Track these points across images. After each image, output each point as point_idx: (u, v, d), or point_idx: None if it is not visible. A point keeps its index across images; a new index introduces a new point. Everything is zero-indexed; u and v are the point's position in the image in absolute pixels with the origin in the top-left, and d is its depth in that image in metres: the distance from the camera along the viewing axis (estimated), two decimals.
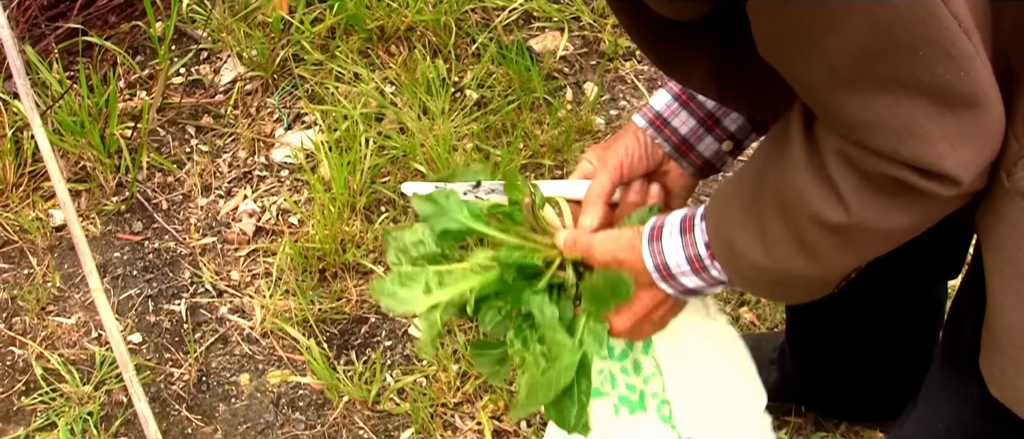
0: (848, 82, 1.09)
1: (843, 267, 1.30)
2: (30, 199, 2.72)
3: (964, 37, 1.05)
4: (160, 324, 2.52)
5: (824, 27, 1.06)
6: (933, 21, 1.04)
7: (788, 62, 1.15)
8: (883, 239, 1.23)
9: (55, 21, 2.99)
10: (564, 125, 2.76)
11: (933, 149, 1.10)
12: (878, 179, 1.15)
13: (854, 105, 1.11)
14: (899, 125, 1.09)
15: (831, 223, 1.19)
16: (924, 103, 1.08)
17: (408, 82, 2.84)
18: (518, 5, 3.02)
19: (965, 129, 1.10)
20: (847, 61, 1.08)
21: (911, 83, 1.07)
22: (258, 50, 2.94)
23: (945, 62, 1.06)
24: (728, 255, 1.35)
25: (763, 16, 1.12)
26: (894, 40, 1.05)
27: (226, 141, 2.85)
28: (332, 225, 2.56)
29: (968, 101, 1.09)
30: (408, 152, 2.70)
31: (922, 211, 1.18)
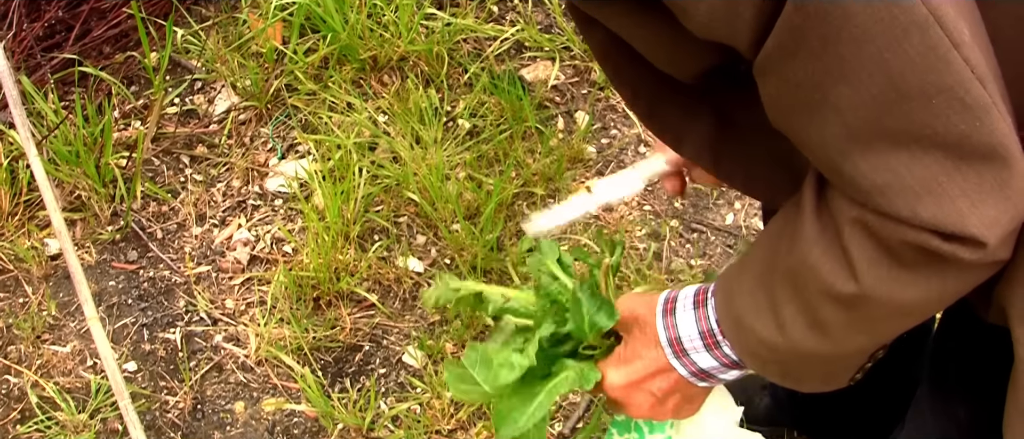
0: (863, 140, 1.06)
1: (856, 347, 1.25)
2: (25, 228, 2.73)
3: (978, 85, 1.02)
4: (155, 352, 2.54)
5: (836, 80, 1.04)
6: (946, 67, 1.01)
7: (800, 125, 1.12)
8: (895, 315, 1.19)
9: (51, 51, 3.01)
10: (556, 154, 2.79)
11: (953, 207, 1.05)
12: (897, 248, 1.10)
13: (869, 166, 1.07)
14: (916, 183, 1.05)
15: (842, 295, 1.15)
16: (941, 157, 1.04)
17: (401, 112, 2.87)
18: (509, 35, 3.05)
19: (985, 184, 1.05)
20: (860, 115, 1.05)
21: (926, 136, 1.04)
22: (252, 80, 2.96)
23: (960, 111, 1.02)
24: (737, 331, 1.31)
25: (771, 77, 1.10)
26: (907, 89, 1.02)
27: (220, 170, 2.87)
28: (326, 254, 2.58)
29: (986, 153, 1.04)
30: (401, 181, 2.72)
31: (939, 283, 1.13)
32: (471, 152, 2.80)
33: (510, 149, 2.80)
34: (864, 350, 1.27)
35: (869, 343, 1.25)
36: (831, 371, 1.31)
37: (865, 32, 1.00)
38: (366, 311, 2.57)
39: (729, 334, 1.31)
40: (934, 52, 1.00)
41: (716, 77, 1.23)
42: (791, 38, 1.04)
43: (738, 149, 1.31)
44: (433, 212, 2.67)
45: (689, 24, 1.10)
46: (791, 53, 1.05)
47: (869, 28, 1.00)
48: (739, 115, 1.21)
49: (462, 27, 3.05)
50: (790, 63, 1.06)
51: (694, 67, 1.23)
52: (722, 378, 1.38)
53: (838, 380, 1.33)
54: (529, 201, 2.73)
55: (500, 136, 2.82)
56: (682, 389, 1.41)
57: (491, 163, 2.80)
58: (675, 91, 1.34)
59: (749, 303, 1.27)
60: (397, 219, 2.72)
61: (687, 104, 1.36)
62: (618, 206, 2.73)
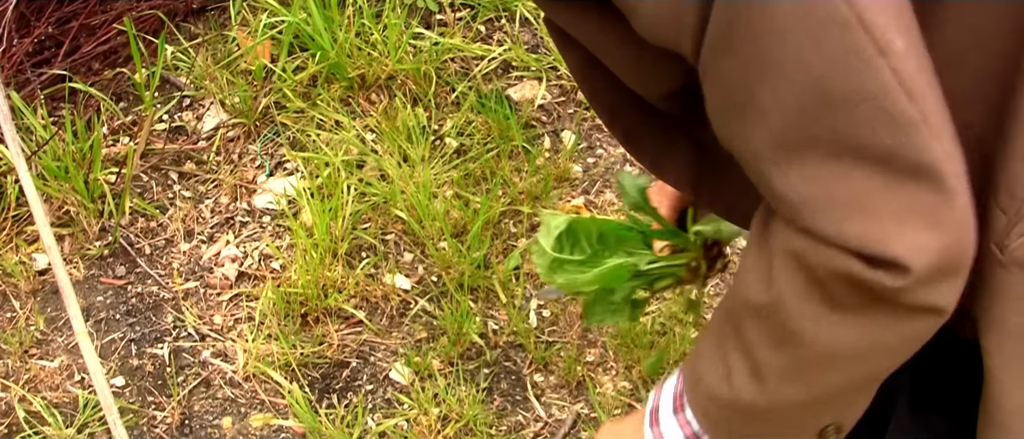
0: (791, 147, 1.04)
1: (792, 401, 1.20)
2: (13, 243, 2.74)
3: (904, 97, 0.99)
4: (143, 368, 2.55)
5: (761, 79, 1.02)
6: (869, 72, 0.98)
7: (735, 133, 1.10)
8: (827, 362, 1.15)
9: (40, 67, 3.02)
10: (542, 173, 2.81)
11: (880, 227, 1.02)
12: (826, 281, 1.07)
13: (798, 176, 1.05)
14: (844, 198, 1.03)
15: (767, 321, 1.14)
16: (870, 172, 1.02)
17: (389, 130, 2.89)
18: (497, 55, 3.08)
19: (915, 205, 1.02)
20: (786, 119, 1.03)
21: (853, 147, 1.01)
22: (240, 98, 2.98)
23: (885, 123, 1.00)
24: (694, 391, 1.29)
25: (708, 79, 1.08)
26: (830, 92, 0.99)
27: (209, 187, 2.89)
28: (314, 270, 2.59)
29: (915, 172, 1.01)
30: (389, 199, 2.74)
31: (868, 328, 1.10)
32: (458, 170, 2.82)
33: (497, 168, 2.82)
34: (803, 408, 1.23)
35: (805, 397, 1.20)
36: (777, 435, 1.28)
37: (784, 25, 0.99)
38: (353, 328, 2.59)
39: (688, 395, 1.29)
40: (856, 55, 0.98)
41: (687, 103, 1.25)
42: (721, 34, 1.03)
43: (717, 179, 1.31)
44: (420, 230, 2.69)
45: (637, 26, 1.10)
46: (721, 50, 1.04)
47: (790, 24, 0.99)
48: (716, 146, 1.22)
49: (450, 46, 3.08)
50: (721, 61, 1.04)
51: (659, 85, 1.23)
52: None
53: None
54: (516, 219, 2.75)
55: (487, 155, 2.85)
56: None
57: (478, 181, 2.83)
58: (652, 117, 1.34)
59: (705, 360, 1.26)
60: (385, 237, 2.74)
61: (665, 131, 1.37)
62: None
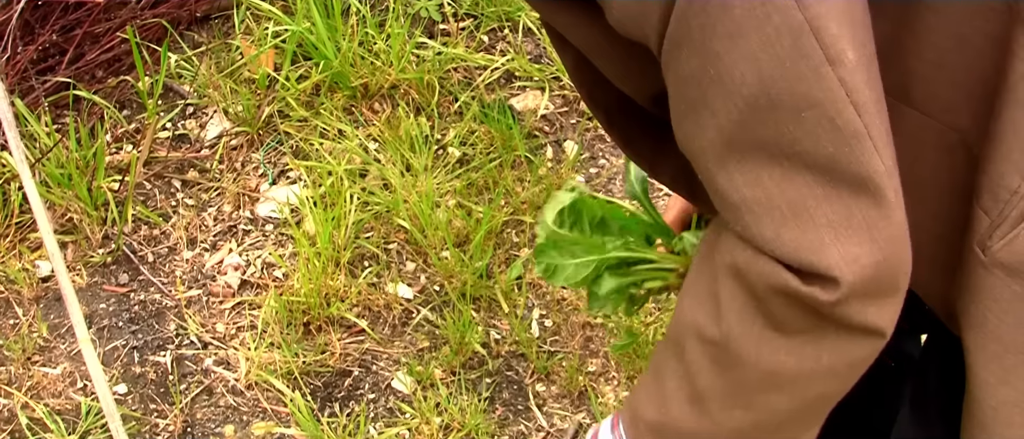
0: (737, 148, 1.06)
1: (734, 426, 1.21)
2: (17, 250, 2.75)
3: (851, 109, 1.01)
4: (145, 375, 2.55)
5: (712, 78, 1.03)
6: (817, 81, 1.00)
7: (688, 132, 1.12)
8: (769, 385, 1.16)
9: (44, 75, 3.03)
10: (545, 183, 2.82)
11: (817, 235, 1.04)
12: (765, 298, 1.09)
13: (742, 178, 1.06)
14: (784, 204, 1.05)
15: (709, 343, 1.14)
16: (811, 180, 1.04)
17: (391, 139, 2.89)
18: (500, 64, 3.09)
19: (853, 219, 1.04)
20: (734, 118, 1.04)
21: (796, 152, 1.03)
22: (244, 106, 2.99)
23: (829, 131, 1.02)
24: (632, 425, 1.29)
25: (669, 75, 1.10)
26: (777, 96, 1.01)
27: (212, 195, 2.90)
28: (317, 279, 2.60)
29: (856, 185, 1.04)
30: (391, 208, 2.75)
31: (813, 351, 1.12)
32: (461, 180, 2.83)
33: (499, 177, 2.83)
34: (749, 433, 1.23)
35: (747, 423, 1.21)
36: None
37: (739, 28, 1.00)
38: (356, 336, 2.59)
39: (628, 429, 1.30)
40: (806, 62, 1.00)
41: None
42: (678, 28, 1.04)
43: None
44: (423, 239, 2.70)
45: (610, 19, 1.12)
46: (678, 45, 1.05)
47: (743, 24, 1.00)
48: None
49: (453, 56, 3.08)
50: (678, 56, 1.06)
51: (645, 87, 1.24)
52: None
53: None
54: (518, 229, 2.76)
55: (490, 164, 2.85)
56: None
57: (481, 191, 2.83)
58: (647, 120, 1.36)
59: (642, 389, 1.27)
60: (387, 245, 2.74)
61: (659, 134, 1.39)
62: None
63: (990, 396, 1.20)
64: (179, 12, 3.20)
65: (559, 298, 2.63)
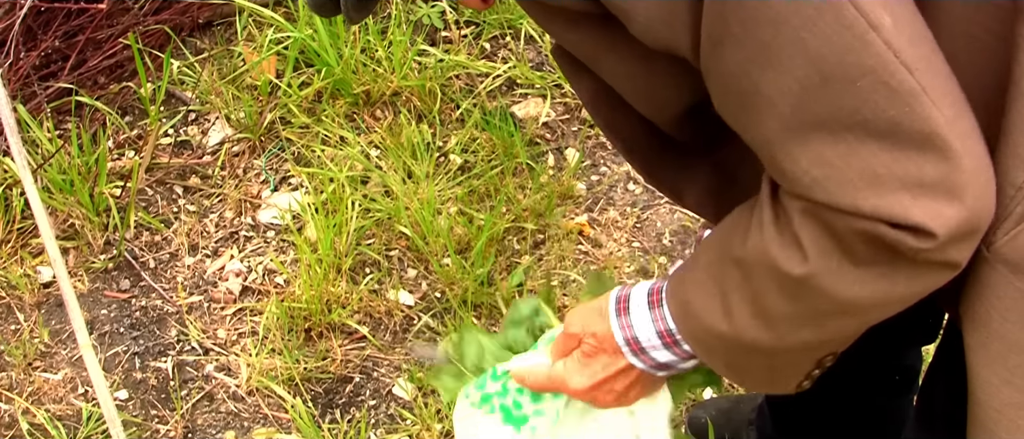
0: (797, 131, 1.07)
1: (800, 342, 1.23)
2: (18, 255, 2.75)
3: (903, 70, 1.03)
4: (146, 381, 2.55)
5: (762, 66, 1.05)
6: (864, 48, 1.02)
7: (744, 124, 1.13)
8: (841, 312, 1.17)
9: (47, 81, 3.04)
10: (546, 190, 2.82)
11: (895, 199, 1.05)
12: (847, 238, 1.10)
13: (807, 160, 1.07)
14: (854, 176, 1.06)
15: (790, 280, 1.14)
16: (876, 148, 1.05)
17: (393, 146, 2.90)
18: (501, 72, 3.09)
19: (925, 177, 1.05)
20: (789, 102, 1.06)
21: (857, 123, 1.04)
22: (246, 113, 2.99)
23: (886, 95, 1.03)
24: (684, 316, 1.30)
25: (711, 76, 1.11)
26: (829, 71, 1.03)
27: (213, 201, 2.90)
28: (318, 286, 2.60)
29: (921, 142, 1.04)
30: (393, 215, 2.75)
31: (887, 284, 1.12)
32: (462, 187, 2.83)
33: (501, 185, 2.83)
34: (809, 348, 1.26)
35: (814, 340, 1.23)
36: (776, 369, 1.30)
37: (779, 13, 1.02)
38: (357, 343, 2.59)
39: (676, 320, 1.31)
40: (850, 31, 1.02)
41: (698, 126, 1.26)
42: (716, 27, 1.06)
43: (735, 199, 1.32)
44: (424, 246, 2.70)
45: (634, 29, 1.12)
46: (718, 42, 1.07)
47: (783, 9, 1.02)
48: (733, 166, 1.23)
49: (455, 63, 3.09)
50: (720, 54, 1.07)
51: (668, 106, 1.25)
52: (682, 367, 1.39)
53: (783, 382, 1.32)
54: (519, 236, 2.76)
55: (491, 172, 2.86)
56: (643, 381, 1.42)
57: (482, 198, 2.83)
58: (668, 146, 1.36)
59: (699, 289, 1.27)
60: (388, 252, 2.75)
61: (681, 158, 1.38)
62: (607, 242, 2.77)
63: (993, 397, 1.19)
64: (181, 19, 3.21)
65: (560, 305, 2.63)
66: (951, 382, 1.37)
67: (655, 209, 2.84)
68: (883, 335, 1.76)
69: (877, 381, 1.98)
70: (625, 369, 1.39)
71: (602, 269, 2.68)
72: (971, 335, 1.21)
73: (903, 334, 1.87)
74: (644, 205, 2.85)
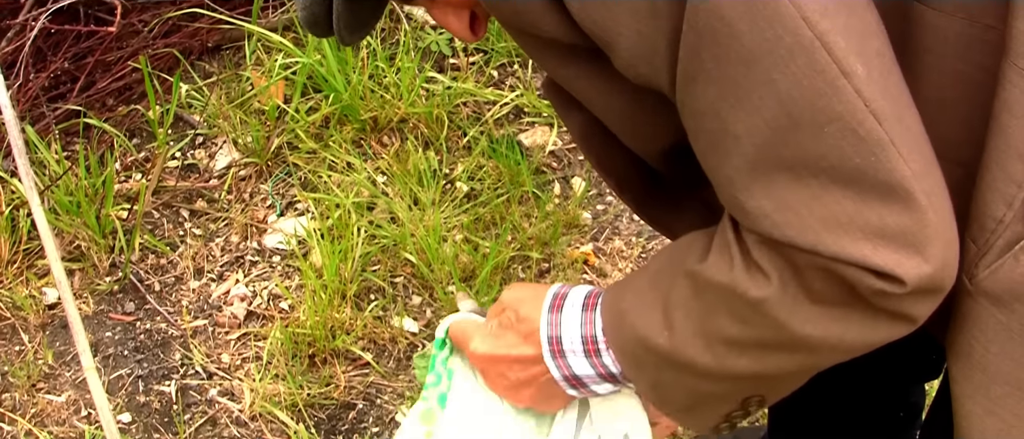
0: (762, 172, 1.06)
1: (736, 372, 1.20)
2: (24, 276, 2.75)
3: (871, 118, 1.02)
4: (150, 404, 2.55)
5: (731, 104, 1.05)
6: (835, 94, 1.02)
7: (711, 162, 1.12)
8: (787, 347, 1.15)
9: (55, 102, 3.05)
10: (552, 219, 2.83)
11: (856, 247, 1.05)
12: (805, 271, 1.09)
13: (771, 203, 1.07)
14: (817, 222, 1.05)
15: (746, 299, 1.12)
16: (840, 195, 1.04)
17: (400, 173, 2.90)
18: (509, 100, 3.10)
19: (887, 227, 1.04)
20: (756, 143, 1.05)
21: (823, 169, 1.04)
22: (253, 137, 3.00)
23: (853, 142, 1.02)
24: (618, 326, 1.26)
25: (686, 111, 1.10)
26: (798, 114, 1.03)
27: (219, 225, 2.90)
28: (323, 312, 2.60)
29: (885, 193, 1.04)
30: (399, 241, 2.75)
31: (840, 321, 1.11)
32: (468, 215, 2.83)
33: (507, 213, 2.84)
34: (743, 380, 1.23)
35: (750, 372, 1.20)
36: (701, 397, 1.26)
37: (752, 53, 1.02)
38: (361, 370, 2.59)
39: (609, 329, 1.27)
40: (822, 76, 1.01)
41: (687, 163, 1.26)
42: (690, 62, 1.06)
43: None
44: (429, 273, 2.70)
45: (618, 63, 1.12)
46: (692, 78, 1.06)
47: (755, 49, 1.02)
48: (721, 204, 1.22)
49: (462, 91, 3.10)
50: (693, 90, 1.07)
51: (655, 140, 1.25)
52: (593, 389, 1.33)
53: (704, 414, 1.29)
54: (524, 265, 2.76)
55: (497, 200, 2.86)
56: (543, 387, 1.36)
57: (488, 226, 2.84)
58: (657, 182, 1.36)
59: (637, 300, 1.24)
60: (394, 279, 2.75)
61: (671, 195, 1.38)
62: (612, 272, 2.77)
63: (976, 428, 1.20)
64: (191, 42, 3.22)
65: None
66: (951, 415, 1.37)
67: (660, 239, 2.83)
68: (887, 371, 1.77)
69: (881, 418, 1.98)
70: (531, 359, 1.34)
71: None
72: (955, 366, 1.21)
73: (907, 370, 1.87)
74: (650, 235, 2.85)
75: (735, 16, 1.01)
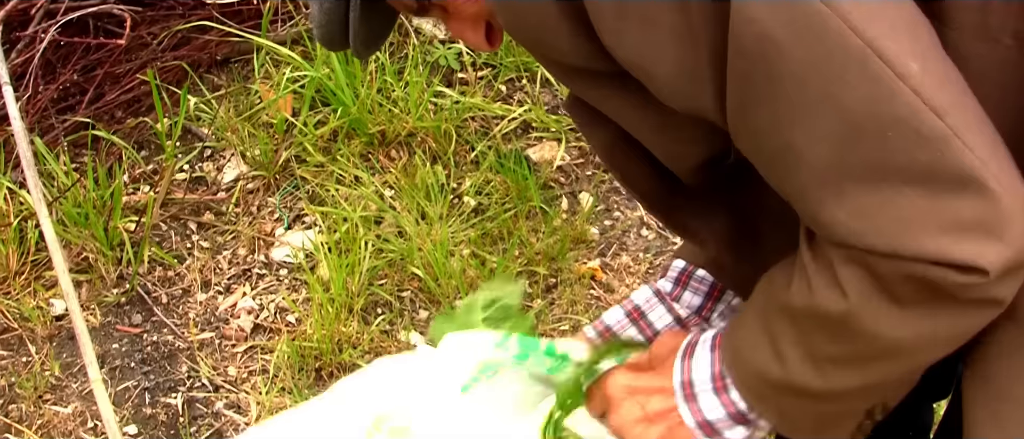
0: (831, 184, 1.06)
1: (847, 388, 1.21)
2: (32, 287, 2.75)
3: (932, 115, 1.02)
4: (156, 417, 2.55)
5: (791, 122, 1.05)
6: (893, 98, 1.01)
7: (779, 179, 1.12)
8: (887, 353, 1.16)
9: (64, 114, 3.05)
10: (559, 234, 2.83)
11: (936, 243, 1.04)
12: (888, 278, 1.09)
13: (844, 212, 1.06)
14: (893, 224, 1.05)
15: (831, 316, 1.13)
16: (912, 195, 1.04)
17: (407, 187, 2.91)
18: (517, 115, 3.10)
19: (963, 219, 1.04)
20: (821, 156, 1.05)
21: (891, 172, 1.04)
22: (261, 150, 3.00)
23: (917, 142, 1.02)
24: (736, 362, 1.28)
25: (741, 135, 1.11)
26: (859, 123, 1.02)
27: (227, 238, 2.91)
28: (329, 325, 2.60)
29: (957, 185, 1.03)
30: (406, 256, 2.76)
31: (930, 323, 1.11)
32: (476, 229, 2.83)
33: (514, 228, 2.84)
34: (857, 394, 1.24)
35: (860, 384, 1.21)
36: (826, 417, 1.28)
37: (805, 69, 1.02)
38: None
39: (727, 366, 1.28)
40: (878, 83, 1.01)
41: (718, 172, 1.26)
42: (741, 86, 1.05)
43: (754, 240, 1.32)
44: (436, 288, 2.70)
45: (658, 92, 1.12)
46: (745, 101, 1.06)
47: (808, 65, 1.02)
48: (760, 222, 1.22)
49: (470, 105, 3.10)
50: (748, 112, 1.07)
51: (691, 158, 1.25)
52: (726, 436, 1.32)
53: (834, 431, 1.30)
54: (532, 280, 2.76)
55: (505, 214, 2.86)
56: (673, 430, 1.35)
57: (495, 241, 2.84)
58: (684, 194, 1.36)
59: (748, 336, 1.26)
60: (400, 293, 2.75)
61: (699, 204, 1.38)
62: (619, 288, 2.77)
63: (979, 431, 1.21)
64: (199, 55, 3.23)
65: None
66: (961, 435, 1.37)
67: (668, 255, 2.83)
68: None
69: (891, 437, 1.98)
70: (667, 393, 1.33)
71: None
72: (971, 389, 1.21)
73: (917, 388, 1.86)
74: (657, 250, 2.85)
75: (782, 36, 1.01)
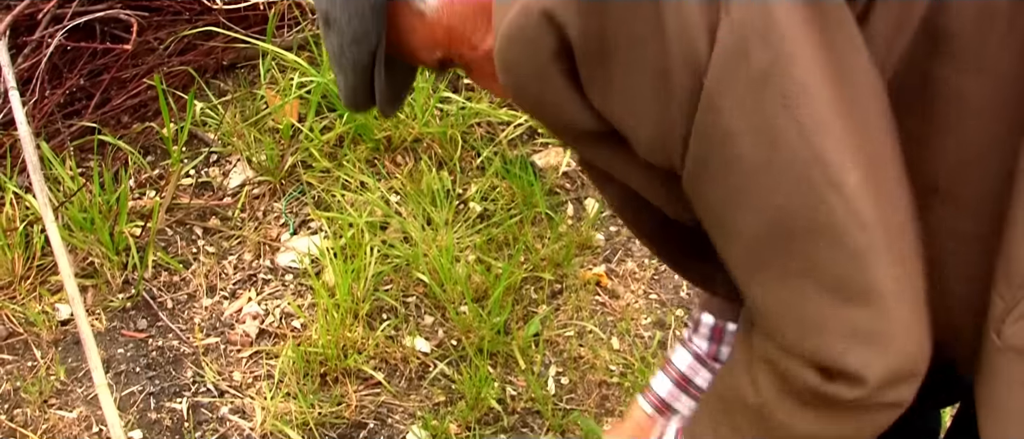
0: (759, 267, 1.16)
1: None
2: (37, 292, 2.75)
3: (857, 228, 1.09)
4: (161, 421, 2.55)
5: (735, 206, 1.14)
6: (825, 208, 1.09)
7: (718, 243, 1.21)
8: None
9: (70, 119, 3.06)
10: (565, 240, 2.82)
11: (833, 346, 1.13)
12: (793, 382, 1.18)
13: (765, 294, 1.17)
14: (801, 318, 1.14)
15: (749, 406, 1.25)
16: (821, 296, 1.12)
17: (413, 192, 2.91)
18: (523, 121, 3.10)
19: (860, 328, 1.12)
20: (752, 242, 1.14)
21: (809, 272, 1.12)
22: (267, 156, 3.00)
23: (838, 252, 1.10)
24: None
25: (694, 200, 1.19)
26: (792, 224, 1.10)
27: (233, 243, 2.91)
28: (335, 330, 2.60)
29: (860, 297, 1.11)
30: (411, 261, 2.75)
31: (835, 420, 1.19)
32: (481, 235, 2.83)
33: (520, 233, 2.83)
34: None
35: None
36: None
37: (753, 165, 1.10)
38: (372, 389, 2.59)
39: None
40: (814, 192, 1.09)
41: None
42: (697, 167, 1.14)
43: None
44: (442, 293, 2.70)
45: (640, 151, 1.20)
46: (699, 177, 1.15)
47: (757, 164, 1.09)
48: None
49: (476, 111, 3.10)
50: (700, 186, 1.16)
51: (690, 210, 1.29)
52: None
53: None
54: (537, 286, 2.76)
55: (510, 220, 2.86)
56: None
57: (500, 247, 2.84)
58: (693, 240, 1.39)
59: (698, 426, 1.38)
60: (406, 299, 2.75)
61: (709, 249, 1.41)
62: (624, 294, 2.76)
63: None
64: (206, 60, 3.23)
65: (576, 356, 2.63)
66: None
67: None
68: None
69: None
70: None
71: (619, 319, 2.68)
72: (987, 422, 1.24)
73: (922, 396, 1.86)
74: None
75: (739, 131, 1.09)
